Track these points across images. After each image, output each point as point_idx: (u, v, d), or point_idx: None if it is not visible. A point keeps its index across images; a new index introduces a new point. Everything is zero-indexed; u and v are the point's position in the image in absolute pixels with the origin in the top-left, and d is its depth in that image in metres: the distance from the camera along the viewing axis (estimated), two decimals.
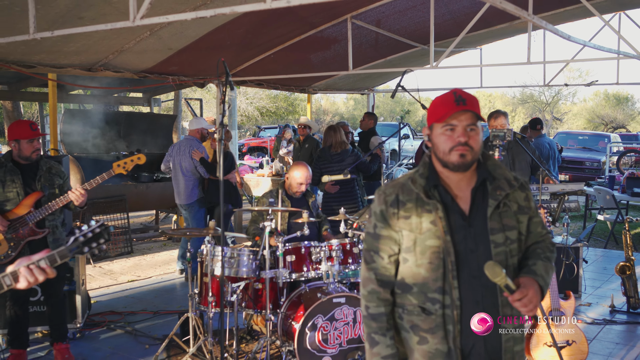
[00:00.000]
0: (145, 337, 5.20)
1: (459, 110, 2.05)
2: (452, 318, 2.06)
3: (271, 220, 4.24)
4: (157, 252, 8.61)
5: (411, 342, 2.14)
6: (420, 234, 2.09)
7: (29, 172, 4.35)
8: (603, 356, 4.75)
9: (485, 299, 2.08)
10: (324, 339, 4.05)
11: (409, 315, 2.13)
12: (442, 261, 2.07)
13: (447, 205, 2.10)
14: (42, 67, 5.83)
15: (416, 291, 2.11)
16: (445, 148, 2.08)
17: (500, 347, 2.10)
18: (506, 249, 2.10)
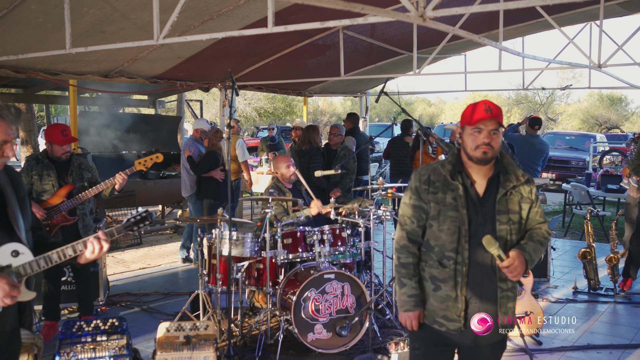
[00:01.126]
0: (159, 313, 5.88)
1: (487, 118, 2.66)
2: (461, 272, 2.69)
3: (271, 207, 4.94)
4: (165, 244, 9.29)
5: (428, 289, 2.78)
6: (444, 207, 2.73)
7: (63, 168, 5.04)
8: (559, 327, 5.44)
9: (486, 261, 2.70)
10: (316, 309, 4.73)
11: (430, 268, 2.77)
12: (457, 229, 2.70)
13: (467, 188, 2.74)
14: (66, 74, 6.51)
15: (437, 250, 2.75)
16: (472, 145, 2.69)
17: (496, 301, 2.72)
18: (508, 227, 2.71)
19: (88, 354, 3.39)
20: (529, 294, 5.11)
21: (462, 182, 2.74)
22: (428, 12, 2.90)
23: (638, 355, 4.83)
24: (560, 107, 56.25)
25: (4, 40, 5.40)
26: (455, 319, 2.69)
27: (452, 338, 2.74)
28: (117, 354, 3.43)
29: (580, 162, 17.48)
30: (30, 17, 5.08)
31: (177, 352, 3.53)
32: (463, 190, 2.72)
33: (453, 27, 3.56)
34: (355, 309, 4.84)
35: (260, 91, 9.38)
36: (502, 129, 2.71)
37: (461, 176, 2.75)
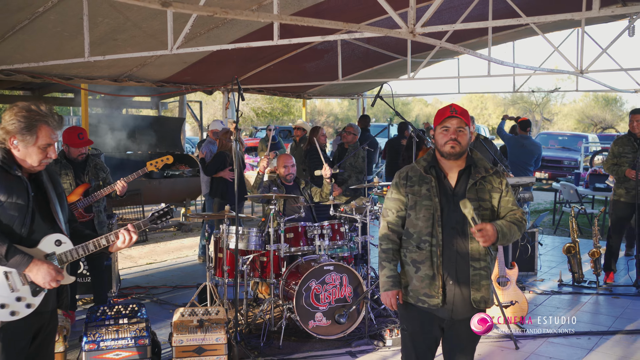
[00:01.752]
0: (168, 304, 6.24)
1: (450, 117, 3.05)
2: (436, 253, 3.06)
3: (275, 204, 5.32)
4: (169, 241, 9.65)
5: (410, 272, 3.15)
6: (420, 197, 3.11)
7: (79, 167, 5.40)
8: (544, 316, 5.82)
9: (459, 243, 3.06)
10: (316, 298, 5.11)
11: (410, 253, 3.14)
12: (432, 215, 3.07)
13: (440, 180, 3.12)
14: (78, 79, 6.87)
15: (415, 236, 3.12)
16: (442, 142, 3.08)
17: (468, 279, 3.08)
18: (478, 212, 3.02)
19: (112, 335, 3.76)
20: (514, 284, 5.48)
21: (436, 175, 3.12)
22: (417, 29, 3.27)
23: (614, 341, 5.21)
24: (556, 107, 56.76)
25: (23, 47, 5.76)
26: (434, 295, 3.06)
27: (434, 313, 3.10)
28: (138, 336, 3.80)
29: (572, 161, 17.89)
30: (49, 26, 5.45)
31: (192, 334, 3.90)
32: (436, 182, 3.10)
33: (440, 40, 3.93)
34: (352, 299, 5.21)
35: (261, 94, 9.78)
36: (468, 127, 3.08)
37: (435, 170, 3.13)
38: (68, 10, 5.16)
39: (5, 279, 2.72)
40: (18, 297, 2.76)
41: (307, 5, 6.25)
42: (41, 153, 2.86)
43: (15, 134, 2.80)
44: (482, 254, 3.06)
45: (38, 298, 2.81)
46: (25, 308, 2.78)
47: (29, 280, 2.76)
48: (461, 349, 3.18)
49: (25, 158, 2.84)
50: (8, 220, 2.75)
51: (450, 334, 3.17)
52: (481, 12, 7.00)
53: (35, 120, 2.83)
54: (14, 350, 2.77)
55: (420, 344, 3.19)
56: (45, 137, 2.85)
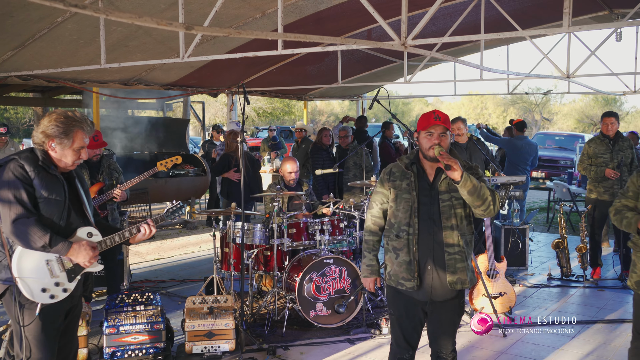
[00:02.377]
0: (177, 296, 6.59)
1: (435, 124, 3.39)
2: (412, 241, 3.41)
3: (278, 201, 5.67)
4: (175, 238, 10.01)
5: (392, 258, 3.50)
6: (400, 191, 3.46)
7: (94, 167, 5.76)
8: (531, 307, 6.19)
9: (435, 232, 3.40)
10: (317, 289, 5.46)
11: (391, 241, 3.50)
12: (410, 207, 3.42)
13: (419, 176, 3.47)
14: (91, 83, 7.23)
15: (395, 226, 3.47)
16: (426, 146, 3.41)
17: (444, 263, 3.42)
18: (450, 203, 3.39)
19: (130, 320, 4.11)
20: (503, 276, 5.83)
21: (416, 171, 3.47)
22: (409, 41, 3.62)
23: (595, 329, 5.56)
24: (556, 107, 57.08)
25: (41, 54, 6.11)
26: (410, 278, 3.41)
27: (412, 296, 3.45)
28: (154, 321, 4.15)
29: (568, 161, 18.23)
30: (66, 34, 5.80)
31: (203, 320, 4.25)
32: (415, 177, 3.45)
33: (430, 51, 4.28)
34: (351, 290, 5.56)
35: (264, 96, 10.11)
36: (449, 131, 3.42)
37: (416, 167, 3.48)
38: (84, 20, 5.51)
39: (47, 266, 3.08)
40: (57, 282, 3.13)
41: (308, 13, 6.59)
42: (75, 154, 3.24)
43: (54, 137, 3.17)
44: (456, 241, 3.40)
45: (73, 283, 3.19)
46: (62, 292, 3.15)
47: (65, 268, 3.13)
48: (443, 330, 3.53)
49: (61, 158, 3.22)
50: (49, 214, 3.12)
51: (433, 317, 3.52)
52: (474, 19, 7.32)
53: (72, 126, 3.21)
54: (51, 329, 3.13)
55: (406, 326, 3.55)
56: (79, 140, 3.24)
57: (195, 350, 4.22)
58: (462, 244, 3.40)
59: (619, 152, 7.10)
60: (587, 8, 7.73)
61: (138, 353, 4.10)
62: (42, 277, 3.09)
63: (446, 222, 3.36)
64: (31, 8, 5.08)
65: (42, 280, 3.09)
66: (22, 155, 3.17)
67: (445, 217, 3.37)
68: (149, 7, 5.59)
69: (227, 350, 4.26)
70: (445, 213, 3.38)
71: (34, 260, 3.08)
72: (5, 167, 3.11)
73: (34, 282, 3.06)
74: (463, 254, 3.42)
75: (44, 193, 3.10)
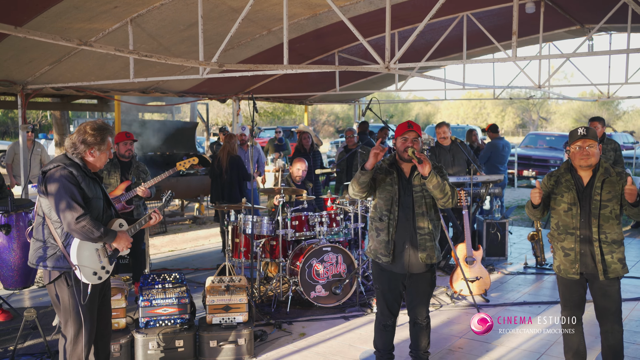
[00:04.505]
0: (192, 282, 7.40)
1: (408, 130, 4.21)
2: (392, 225, 4.23)
3: (283, 197, 6.50)
4: (186, 232, 10.84)
5: (374, 236, 4.33)
6: (384, 183, 4.29)
7: (126, 167, 6.58)
8: (506, 291, 7.01)
9: (408, 219, 4.21)
10: (317, 274, 6.28)
11: (375, 222, 4.32)
12: (391, 197, 4.24)
13: (399, 173, 4.29)
14: (114, 92, 8.05)
15: (379, 210, 4.29)
16: (401, 148, 4.24)
17: (417, 243, 4.24)
18: (422, 194, 4.21)
19: (160, 295, 4.94)
20: (479, 263, 6.65)
21: (396, 170, 4.29)
22: (391, 65, 4.44)
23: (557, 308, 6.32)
24: (554, 106, 57.83)
25: (73, 68, 6.94)
26: (386, 254, 4.25)
27: (389, 269, 4.28)
28: (180, 296, 4.98)
29: (557, 160, 19.02)
30: (96, 52, 6.60)
31: (221, 296, 5.07)
32: (396, 174, 4.28)
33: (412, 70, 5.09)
34: (346, 274, 6.38)
35: (268, 101, 10.93)
36: (420, 136, 4.23)
37: (396, 166, 4.30)
38: (114, 39, 6.33)
39: (96, 253, 3.83)
40: (102, 266, 3.88)
41: (308, 30, 7.41)
42: (107, 156, 3.99)
43: (94, 145, 3.86)
44: (426, 225, 4.22)
45: (112, 265, 3.96)
46: (105, 274, 3.91)
47: (107, 253, 3.89)
48: (419, 300, 4.36)
49: (96, 163, 3.93)
50: (97, 211, 3.85)
51: (410, 289, 4.35)
52: (458, 33, 8.14)
53: (105, 134, 3.93)
54: (94, 304, 3.90)
55: (388, 297, 4.38)
56: (110, 145, 3.98)
57: (214, 321, 5.04)
58: (431, 228, 4.24)
59: (602, 154, 7.91)
60: (561, 23, 8.55)
61: (167, 322, 4.92)
62: (93, 263, 3.81)
63: (418, 209, 4.20)
64: (70, 31, 5.91)
65: (94, 265, 3.81)
66: (64, 162, 3.77)
67: (418, 205, 4.20)
68: (170, 28, 6.41)
69: (241, 321, 5.08)
70: (418, 202, 4.21)
71: (89, 249, 3.79)
72: (53, 173, 3.74)
73: (88, 267, 3.78)
74: (432, 235, 4.25)
75: (89, 194, 3.79)
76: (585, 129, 4.05)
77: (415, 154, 4.04)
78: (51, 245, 3.77)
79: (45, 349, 4.91)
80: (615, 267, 4.08)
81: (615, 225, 4.07)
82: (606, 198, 4.03)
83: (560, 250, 4.24)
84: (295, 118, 45.00)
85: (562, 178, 4.22)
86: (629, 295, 6.79)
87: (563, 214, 4.17)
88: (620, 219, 4.13)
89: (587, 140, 4.02)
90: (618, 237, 4.09)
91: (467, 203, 6.80)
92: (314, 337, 5.53)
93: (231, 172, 8.26)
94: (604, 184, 4.05)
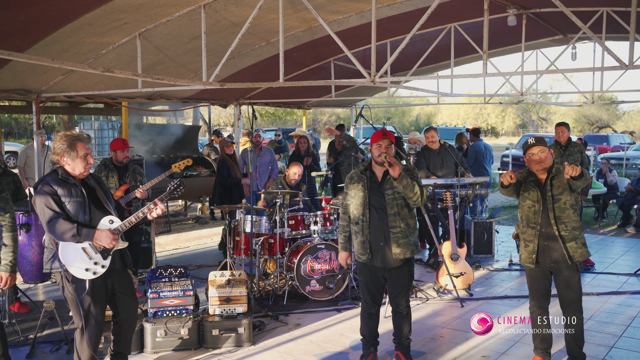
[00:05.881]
0: (196, 278, 7.87)
1: (382, 138, 4.68)
2: (366, 226, 4.70)
3: (280, 198, 6.97)
4: (189, 231, 11.33)
5: (354, 238, 4.82)
6: (357, 190, 4.76)
7: (122, 171, 7.05)
8: (490, 286, 7.48)
9: (382, 219, 4.68)
10: (311, 270, 6.75)
11: (353, 226, 4.80)
12: (364, 202, 4.71)
13: (371, 179, 4.76)
14: (121, 98, 8.54)
15: (354, 217, 4.77)
16: (376, 154, 4.71)
17: (391, 241, 4.70)
18: (393, 195, 4.67)
19: (167, 288, 5.42)
20: (464, 259, 7.12)
21: (368, 175, 4.75)
22: (376, 79, 4.92)
23: None
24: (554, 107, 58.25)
25: (85, 77, 7.42)
26: (364, 253, 4.74)
27: (369, 264, 4.76)
28: (185, 289, 5.46)
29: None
30: (107, 62, 7.09)
31: (222, 289, 5.55)
32: (368, 180, 4.74)
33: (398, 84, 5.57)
34: (339, 270, 6.85)
35: (267, 106, 11.42)
36: (393, 144, 4.70)
37: (369, 172, 4.76)
38: (123, 51, 6.81)
39: (84, 252, 4.19)
40: (95, 262, 4.22)
41: (304, 41, 7.89)
42: (83, 161, 4.22)
43: (63, 153, 4.19)
44: (398, 224, 4.66)
45: (107, 260, 4.27)
46: (101, 268, 4.24)
47: (98, 249, 4.21)
48: (399, 291, 4.83)
49: (74, 170, 4.22)
50: (75, 212, 4.15)
51: (390, 282, 4.83)
52: (447, 42, 8.60)
53: (73, 140, 4.21)
54: (98, 297, 4.27)
55: (371, 289, 4.86)
56: (82, 149, 4.22)
57: (217, 311, 5.51)
58: (403, 226, 4.70)
59: (568, 156, 8.40)
60: (546, 33, 9.03)
61: (174, 313, 5.40)
62: (82, 261, 4.13)
63: (390, 210, 4.66)
64: (83, 44, 6.39)
65: (83, 263, 4.13)
66: (48, 176, 4.19)
67: (390, 207, 4.67)
68: (175, 41, 6.89)
69: (241, 312, 5.55)
70: (390, 204, 4.68)
71: (73, 249, 4.12)
72: (36, 188, 4.21)
73: (78, 266, 4.12)
74: (404, 233, 4.71)
75: (66, 199, 4.15)
76: (535, 139, 4.59)
77: (387, 159, 4.50)
78: (50, 249, 4.22)
79: (63, 337, 5.40)
80: (581, 251, 4.59)
81: (572, 214, 4.58)
82: (557, 192, 4.55)
83: (523, 241, 4.74)
84: (297, 119, 45.48)
85: (527, 179, 4.71)
86: (604, 289, 7.27)
87: (527, 209, 4.67)
88: (576, 208, 4.61)
89: (536, 147, 4.53)
90: (577, 224, 4.60)
91: (452, 204, 7.28)
92: (309, 327, 6.00)
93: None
94: (553, 180, 4.55)
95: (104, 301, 4.39)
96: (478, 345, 5.51)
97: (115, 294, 4.50)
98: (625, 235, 11.13)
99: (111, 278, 4.39)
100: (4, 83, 6.98)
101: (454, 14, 7.76)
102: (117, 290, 4.49)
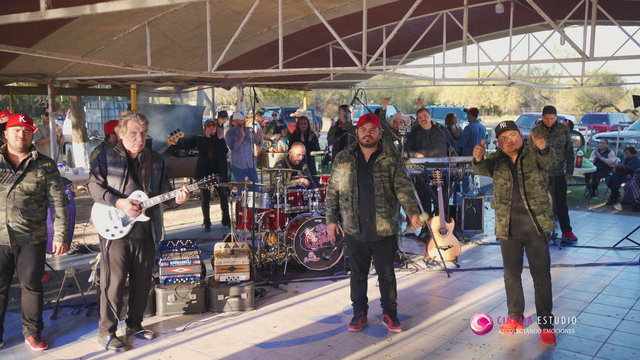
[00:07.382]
0: (202, 250, 8.41)
1: (367, 122, 5.17)
2: (355, 203, 5.18)
3: (280, 177, 7.48)
4: (195, 207, 11.86)
5: (343, 213, 5.32)
6: (346, 169, 5.25)
7: None
8: (477, 259, 8.01)
9: (368, 198, 5.16)
10: (309, 242, 7.28)
11: (343, 202, 5.29)
12: (352, 180, 5.20)
13: (359, 159, 5.24)
14: (130, 81, 9.00)
15: (343, 193, 5.26)
16: (361, 137, 5.20)
17: (375, 219, 5.19)
18: (380, 178, 5.15)
19: (177, 257, 5.95)
20: (451, 233, 7.63)
21: (357, 156, 5.23)
22: (367, 67, 5.38)
23: None
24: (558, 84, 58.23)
25: None
26: (354, 227, 5.23)
27: (357, 238, 5.27)
28: (193, 258, 5.99)
29: None
30: (117, 48, 7.55)
31: (226, 258, 6.08)
32: (356, 160, 5.21)
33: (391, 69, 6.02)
34: (335, 243, 7.37)
35: (269, 87, 11.85)
36: (377, 128, 5.16)
37: (357, 152, 5.23)
38: (133, 38, 7.26)
39: (108, 215, 4.84)
40: (115, 225, 4.86)
41: (303, 27, 8.32)
42: (131, 137, 4.80)
43: (119, 129, 4.87)
44: (383, 204, 5.14)
45: (127, 227, 4.86)
46: (119, 233, 4.86)
47: (120, 216, 4.83)
48: (383, 261, 5.34)
49: (125, 144, 4.85)
50: (113, 182, 4.82)
51: (375, 253, 5.35)
52: (440, 28, 9.02)
53: (125, 118, 4.84)
54: (117, 258, 4.89)
55: (359, 259, 5.39)
56: (131, 126, 4.79)
57: (222, 279, 6.05)
58: (388, 207, 5.19)
59: (554, 137, 8.86)
60: (535, 19, 9.42)
61: (183, 280, 5.94)
62: (105, 222, 4.85)
63: (377, 191, 5.15)
64: (96, 32, 6.85)
65: (105, 223, 4.85)
66: (109, 146, 4.86)
67: (377, 188, 5.15)
68: (182, 28, 7.34)
69: (244, 280, 6.09)
70: (377, 186, 5.16)
71: (101, 211, 4.87)
72: (100, 152, 4.95)
73: (101, 225, 4.87)
74: (388, 213, 5.20)
75: (111, 167, 4.81)
76: (506, 123, 5.08)
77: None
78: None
79: (82, 302, 5.95)
80: (549, 223, 5.07)
81: (541, 190, 5.06)
82: (527, 170, 5.03)
83: (497, 216, 5.24)
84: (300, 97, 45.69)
85: (500, 159, 5.19)
86: (582, 262, 7.79)
87: (500, 187, 5.16)
88: (544, 184, 5.09)
89: (508, 131, 5.01)
90: (545, 199, 5.08)
91: (441, 182, 7.78)
92: (306, 294, 6.55)
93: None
94: (523, 159, 5.04)
95: (126, 264, 4.98)
96: (460, 310, 6.04)
97: (136, 262, 5.08)
98: (613, 212, 11.62)
99: (134, 245, 4.99)
100: (22, 67, 7.46)
101: (445, 2, 8.17)
102: (138, 258, 5.07)
